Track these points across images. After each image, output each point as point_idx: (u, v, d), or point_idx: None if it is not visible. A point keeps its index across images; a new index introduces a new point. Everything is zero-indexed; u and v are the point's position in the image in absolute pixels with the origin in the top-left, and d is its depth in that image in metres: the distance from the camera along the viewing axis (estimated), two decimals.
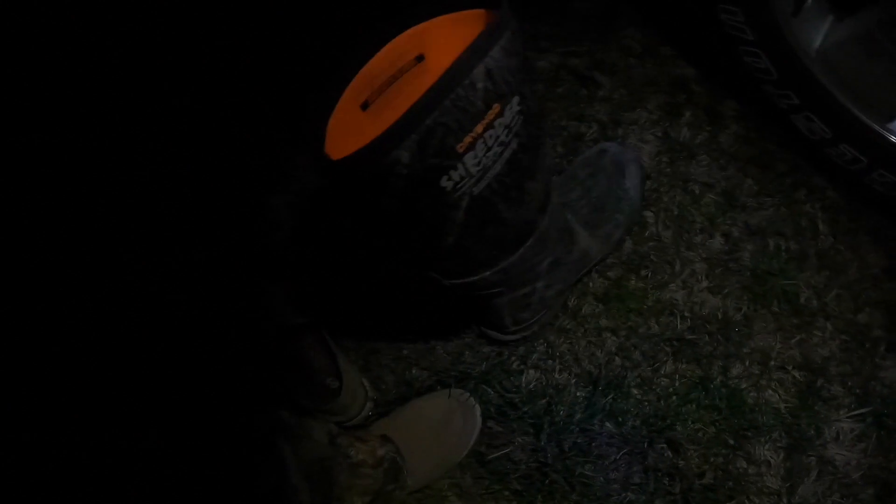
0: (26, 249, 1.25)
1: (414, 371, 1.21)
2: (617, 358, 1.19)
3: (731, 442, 1.14)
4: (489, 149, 0.83)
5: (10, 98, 1.28)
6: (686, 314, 1.20)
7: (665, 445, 1.14)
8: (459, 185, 0.84)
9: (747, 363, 1.17)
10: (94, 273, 1.28)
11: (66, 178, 1.32)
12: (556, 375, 1.18)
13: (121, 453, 1.11)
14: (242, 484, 1.10)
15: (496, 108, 0.81)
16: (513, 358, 1.20)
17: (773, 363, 1.17)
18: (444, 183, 0.82)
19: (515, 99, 0.83)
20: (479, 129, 0.80)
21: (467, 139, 0.80)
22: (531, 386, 1.18)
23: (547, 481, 1.13)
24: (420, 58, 0.82)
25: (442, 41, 0.81)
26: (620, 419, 1.15)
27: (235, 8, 1.38)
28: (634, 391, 1.17)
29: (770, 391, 1.16)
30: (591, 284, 1.22)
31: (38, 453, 1.12)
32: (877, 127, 1.11)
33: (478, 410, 1.16)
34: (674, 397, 1.16)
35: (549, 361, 1.19)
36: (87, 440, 1.13)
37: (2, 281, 1.24)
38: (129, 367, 1.19)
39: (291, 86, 1.14)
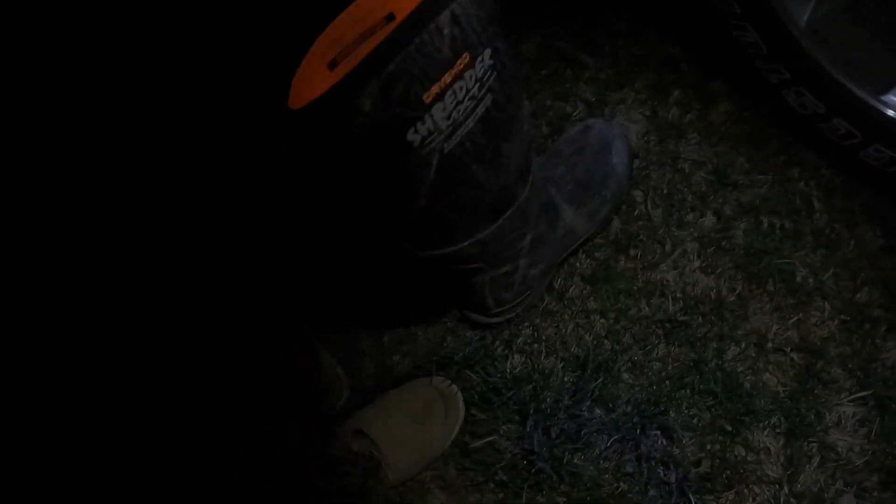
0: (22, 249, 1.23)
1: (394, 357, 1.16)
2: (606, 341, 1.14)
3: (728, 428, 1.09)
4: (459, 102, 0.80)
5: (7, 97, 1.26)
6: (678, 295, 1.16)
7: (658, 432, 1.10)
8: (428, 141, 0.80)
9: (743, 345, 1.13)
10: (92, 272, 1.25)
11: (61, 177, 1.30)
12: (543, 360, 1.14)
13: (121, 453, 1.09)
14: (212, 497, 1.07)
15: (466, 57, 0.78)
16: (497, 342, 1.15)
17: (770, 345, 1.13)
18: (411, 136, 0.78)
19: (487, 52, 0.79)
20: (447, 78, 0.77)
21: (434, 89, 0.76)
22: (516, 371, 1.13)
23: (533, 470, 1.08)
24: (390, 17, 0.78)
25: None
26: (611, 405, 1.11)
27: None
28: (625, 375, 1.13)
29: (768, 374, 1.12)
30: (578, 265, 1.18)
31: (38, 453, 1.10)
32: (870, 100, 1.08)
33: (460, 399, 1.11)
34: (667, 382, 1.12)
35: (535, 345, 1.15)
36: (86, 440, 1.10)
37: (2, 281, 1.22)
38: (124, 367, 1.16)
39: (256, 46, 1.13)
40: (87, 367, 1.17)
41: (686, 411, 1.10)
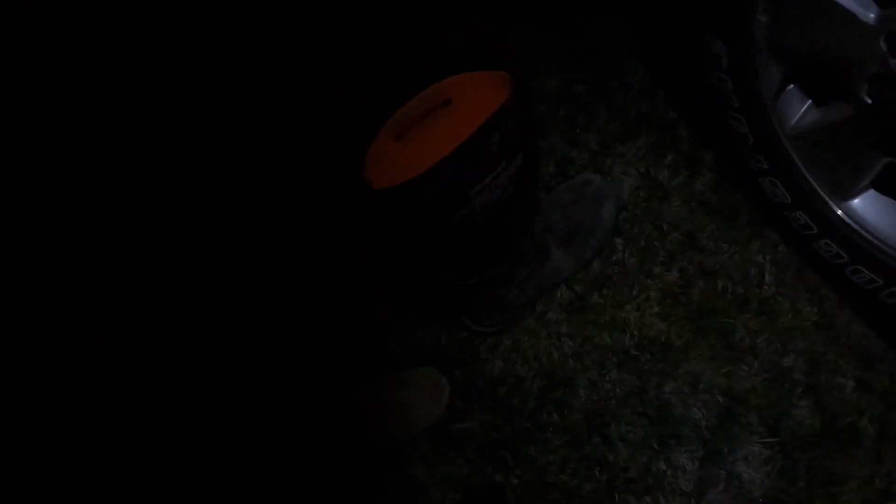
0: (27, 249, 1.22)
1: (394, 345, 1.31)
2: (571, 360, 1.30)
3: (656, 446, 1.25)
4: (493, 192, 0.92)
5: (11, 98, 1.24)
6: (635, 333, 1.31)
7: (600, 440, 1.26)
8: (465, 219, 0.93)
9: (679, 382, 1.28)
10: (92, 272, 1.28)
11: (62, 177, 1.29)
12: (518, 367, 1.30)
13: (120, 453, 1.13)
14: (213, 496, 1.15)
15: (504, 163, 0.90)
16: (482, 347, 1.32)
17: (701, 386, 1.27)
18: (452, 216, 0.91)
19: (520, 156, 0.91)
20: (488, 179, 0.89)
21: (478, 187, 0.89)
22: (495, 373, 1.30)
23: (497, 455, 1.26)
24: (448, 101, 0.90)
25: (467, 91, 0.90)
26: (566, 412, 1.28)
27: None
28: (581, 390, 1.29)
29: (695, 409, 1.27)
30: (558, 294, 1.33)
31: (38, 453, 1.13)
32: (831, 203, 1.19)
33: (447, 391, 1.26)
34: (613, 401, 1.28)
35: (513, 355, 1.31)
36: (86, 440, 1.14)
37: (2, 281, 1.23)
38: (129, 367, 1.21)
39: (335, 118, 1.17)
40: (87, 367, 1.20)
41: (625, 427, 1.26)
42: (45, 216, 1.30)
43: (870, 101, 1.05)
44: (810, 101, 1.17)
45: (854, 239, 1.18)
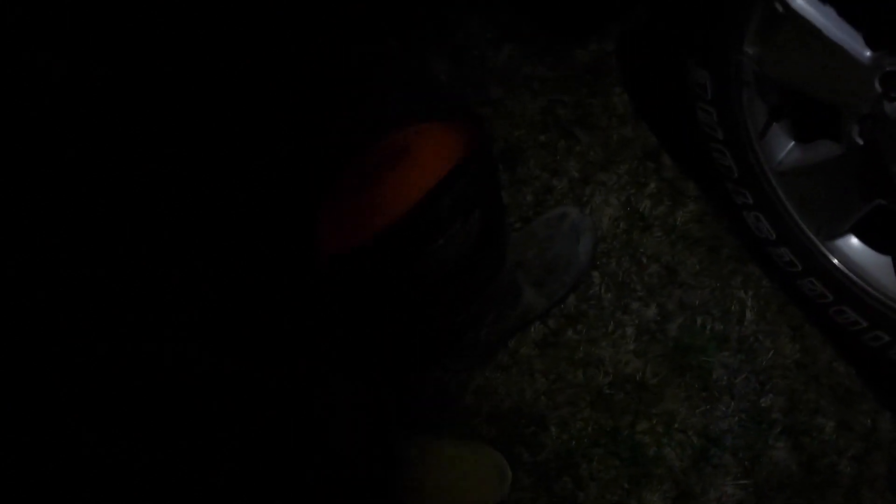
0: (23, 249, 1.20)
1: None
2: (543, 398, 1.22)
3: (627, 486, 1.18)
4: (449, 249, 0.84)
5: (9, 98, 1.19)
6: (609, 370, 1.22)
7: (570, 479, 1.18)
8: (421, 272, 0.85)
9: (654, 422, 1.20)
10: (93, 273, 1.23)
11: (62, 177, 1.26)
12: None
13: (121, 453, 1.09)
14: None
15: (459, 222, 0.80)
16: (453, 383, 1.23)
17: (676, 426, 1.20)
18: (409, 271, 0.83)
19: (477, 212, 0.82)
20: (441, 240, 0.81)
21: (433, 244, 0.81)
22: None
23: None
24: (406, 150, 0.81)
25: (424, 140, 0.81)
26: (537, 450, 1.20)
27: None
28: (553, 429, 1.21)
29: (669, 449, 1.19)
30: (531, 330, 1.24)
31: (38, 453, 1.10)
32: (816, 241, 1.11)
33: (509, 481, 1.14)
34: (585, 440, 1.20)
35: (485, 391, 1.22)
36: (86, 440, 1.11)
37: (2, 281, 1.19)
38: (128, 367, 1.16)
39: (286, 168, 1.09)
40: (88, 367, 1.16)
41: (596, 465, 1.19)
42: (45, 216, 1.25)
43: (861, 143, 0.97)
44: (794, 141, 1.08)
45: (840, 279, 1.11)
